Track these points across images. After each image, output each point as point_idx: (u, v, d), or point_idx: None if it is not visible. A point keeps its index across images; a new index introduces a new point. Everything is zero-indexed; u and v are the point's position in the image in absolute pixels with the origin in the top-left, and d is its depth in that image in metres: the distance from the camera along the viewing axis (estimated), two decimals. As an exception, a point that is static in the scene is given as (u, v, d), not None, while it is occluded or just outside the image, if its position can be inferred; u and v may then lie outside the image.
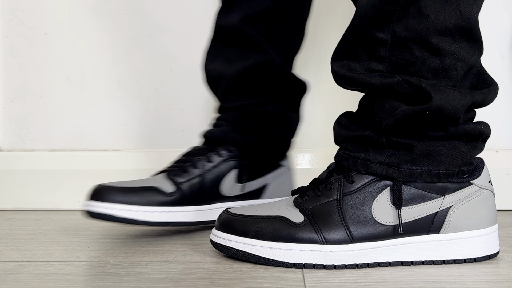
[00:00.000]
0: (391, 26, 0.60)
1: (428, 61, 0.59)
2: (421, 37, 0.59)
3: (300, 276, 0.58)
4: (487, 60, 1.03)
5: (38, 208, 1.04)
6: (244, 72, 0.80)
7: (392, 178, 0.61)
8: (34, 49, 1.08)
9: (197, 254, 0.67)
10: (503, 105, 1.03)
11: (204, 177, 0.77)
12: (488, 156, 1.02)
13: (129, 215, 0.71)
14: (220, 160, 0.79)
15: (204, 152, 0.80)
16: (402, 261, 0.62)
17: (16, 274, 0.59)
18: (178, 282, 0.56)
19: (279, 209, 0.63)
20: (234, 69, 0.81)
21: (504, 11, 1.02)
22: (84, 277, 0.58)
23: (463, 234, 0.62)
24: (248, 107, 0.82)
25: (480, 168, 0.64)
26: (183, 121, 1.07)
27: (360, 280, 0.57)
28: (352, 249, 0.60)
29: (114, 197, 0.71)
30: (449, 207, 0.62)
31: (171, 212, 0.74)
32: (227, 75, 0.81)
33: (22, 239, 0.77)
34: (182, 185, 0.75)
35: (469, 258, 0.62)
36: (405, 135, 0.61)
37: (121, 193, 0.72)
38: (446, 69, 0.60)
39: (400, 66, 0.60)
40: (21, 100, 1.09)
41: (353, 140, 0.64)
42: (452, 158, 0.61)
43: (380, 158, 0.61)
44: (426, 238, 0.62)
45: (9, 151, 1.09)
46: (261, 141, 0.83)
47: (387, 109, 0.61)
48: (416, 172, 0.61)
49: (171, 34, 1.07)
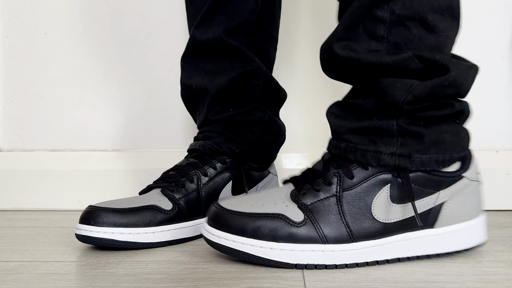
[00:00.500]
0: (390, 4, 0.60)
1: (425, 38, 0.61)
2: (419, 15, 0.60)
3: (300, 275, 0.58)
4: (487, 60, 1.03)
5: (38, 208, 1.05)
6: (230, 83, 0.80)
7: (404, 168, 0.60)
8: (34, 49, 1.08)
9: (197, 254, 0.67)
10: (503, 105, 1.03)
11: (201, 191, 0.76)
12: (488, 156, 1.03)
13: (130, 239, 0.68)
14: (215, 173, 0.78)
15: (199, 165, 0.78)
16: (399, 257, 0.62)
17: (16, 274, 0.59)
18: (178, 282, 0.56)
19: (276, 204, 0.62)
20: (220, 81, 0.80)
21: (504, 11, 1.02)
22: (84, 277, 0.58)
23: (456, 227, 0.63)
24: (235, 117, 0.82)
25: (469, 160, 0.65)
26: (183, 121, 1.07)
27: (360, 280, 0.57)
28: (353, 248, 0.60)
29: (113, 220, 0.68)
30: (443, 202, 0.63)
31: (171, 231, 0.72)
32: (211, 87, 0.81)
33: (22, 239, 0.77)
34: (180, 201, 0.74)
35: (462, 249, 0.64)
36: (416, 122, 0.61)
37: (119, 214, 0.69)
38: (440, 46, 0.61)
39: (399, 44, 0.61)
40: (21, 100, 1.09)
41: (359, 132, 0.63)
42: (454, 144, 0.63)
43: (391, 149, 0.61)
44: (421, 233, 0.63)
45: (9, 151, 1.09)
46: (254, 149, 0.82)
47: (400, 86, 0.60)
48: (426, 160, 0.61)
49: (171, 34, 1.07)
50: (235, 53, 0.81)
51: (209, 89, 0.81)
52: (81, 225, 0.68)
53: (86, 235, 0.67)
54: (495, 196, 1.00)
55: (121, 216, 0.68)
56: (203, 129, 0.83)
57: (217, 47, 0.80)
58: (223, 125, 0.81)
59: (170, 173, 0.78)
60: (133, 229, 0.68)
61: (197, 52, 0.82)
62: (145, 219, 0.70)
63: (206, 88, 0.81)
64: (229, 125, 0.81)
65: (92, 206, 0.69)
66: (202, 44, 0.81)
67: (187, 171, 0.77)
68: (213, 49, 0.81)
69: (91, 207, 0.69)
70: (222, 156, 0.79)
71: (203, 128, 0.83)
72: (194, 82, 0.82)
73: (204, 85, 0.81)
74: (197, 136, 0.83)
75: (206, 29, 0.81)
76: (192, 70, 0.83)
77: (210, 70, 0.82)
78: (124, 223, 0.68)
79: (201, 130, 0.83)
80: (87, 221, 0.68)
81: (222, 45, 0.80)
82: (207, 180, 0.77)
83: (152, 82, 1.07)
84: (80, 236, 0.68)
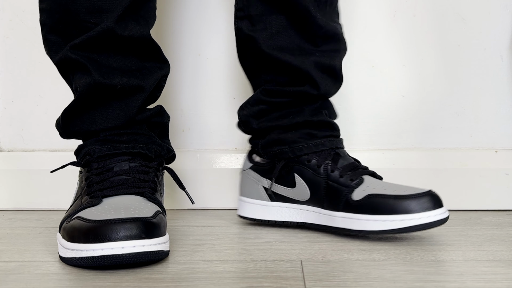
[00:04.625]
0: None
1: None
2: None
3: (300, 275, 0.58)
4: (487, 60, 1.03)
5: (38, 208, 1.05)
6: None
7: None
8: (35, 49, 1.08)
9: (197, 253, 0.68)
10: (503, 105, 1.03)
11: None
12: (487, 156, 1.03)
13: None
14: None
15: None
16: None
17: (17, 274, 0.60)
18: (178, 282, 0.56)
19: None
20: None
21: (504, 12, 1.02)
22: (85, 276, 0.59)
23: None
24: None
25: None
26: (183, 121, 1.07)
27: (360, 279, 0.57)
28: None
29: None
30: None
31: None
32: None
33: (23, 239, 0.77)
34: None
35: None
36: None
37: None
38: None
39: None
40: (21, 100, 1.09)
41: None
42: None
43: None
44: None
45: (9, 151, 1.09)
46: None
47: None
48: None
49: (171, 34, 1.07)
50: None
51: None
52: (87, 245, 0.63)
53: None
54: (494, 196, 1.00)
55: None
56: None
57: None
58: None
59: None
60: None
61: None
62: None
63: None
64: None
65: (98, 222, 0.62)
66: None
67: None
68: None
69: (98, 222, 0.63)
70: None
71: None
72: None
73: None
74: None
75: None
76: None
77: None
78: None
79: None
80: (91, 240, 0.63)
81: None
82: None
83: (152, 82, 1.07)
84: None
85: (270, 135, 0.83)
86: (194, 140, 1.00)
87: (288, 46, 0.81)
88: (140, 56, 0.76)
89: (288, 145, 0.81)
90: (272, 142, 0.82)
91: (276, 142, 0.82)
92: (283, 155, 0.81)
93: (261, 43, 0.81)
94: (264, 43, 0.81)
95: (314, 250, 0.69)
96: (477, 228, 0.82)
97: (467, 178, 0.99)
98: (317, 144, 0.80)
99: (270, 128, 0.83)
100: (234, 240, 0.76)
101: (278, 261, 0.64)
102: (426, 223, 0.70)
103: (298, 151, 0.80)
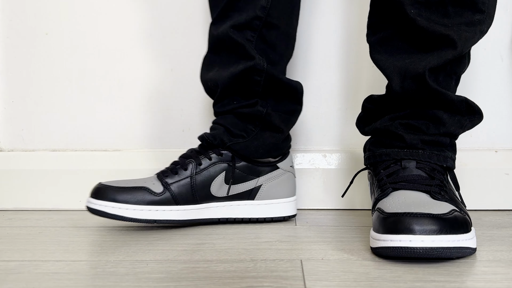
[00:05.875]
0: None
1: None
2: None
3: (300, 275, 0.58)
4: (487, 61, 1.03)
5: (38, 208, 1.05)
6: (234, 77, 0.84)
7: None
8: (35, 50, 1.08)
9: (197, 253, 0.68)
10: (502, 105, 1.03)
11: (193, 178, 0.83)
12: (487, 156, 1.03)
13: (119, 213, 0.78)
14: (209, 163, 0.84)
15: (195, 155, 0.85)
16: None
17: (17, 274, 0.60)
18: (178, 281, 0.56)
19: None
20: (225, 75, 0.85)
21: (504, 12, 1.02)
22: (85, 276, 0.59)
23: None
24: (238, 109, 0.86)
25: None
26: (183, 121, 1.07)
27: (360, 279, 0.57)
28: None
29: (109, 196, 0.78)
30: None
31: (159, 211, 0.80)
32: (220, 81, 0.85)
33: (23, 239, 0.77)
34: (171, 186, 0.82)
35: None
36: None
37: (115, 192, 0.79)
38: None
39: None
40: (21, 100, 1.09)
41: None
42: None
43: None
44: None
45: (9, 151, 1.09)
46: (248, 143, 0.86)
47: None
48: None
49: (171, 34, 1.07)
50: (239, 49, 0.84)
51: (218, 83, 0.85)
52: (88, 198, 0.80)
53: (87, 205, 0.79)
54: (494, 196, 1.00)
55: (117, 193, 0.78)
56: (213, 120, 0.89)
57: (226, 42, 0.84)
58: (227, 117, 0.87)
59: (176, 160, 0.86)
60: (123, 205, 0.78)
61: (213, 47, 0.87)
62: (135, 198, 0.79)
63: (216, 82, 0.86)
64: (232, 117, 0.87)
65: (100, 184, 0.80)
66: (216, 40, 0.86)
67: (185, 159, 0.85)
68: (224, 44, 0.85)
69: (99, 184, 0.80)
70: (216, 148, 0.85)
71: (214, 119, 0.89)
72: (208, 77, 0.87)
73: (215, 79, 0.86)
74: (210, 126, 0.89)
75: (220, 26, 0.85)
76: (210, 65, 0.88)
77: (222, 65, 0.86)
78: (117, 199, 0.78)
79: (213, 121, 0.89)
80: (92, 195, 0.79)
81: (229, 41, 0.84)
82: (201, 169, 0.83)
83: (152, 82, 1.08)
84: (87, 207, 0.79)
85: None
86: (195, 140, 1.00)
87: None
88: None
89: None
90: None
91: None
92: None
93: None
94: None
95: (314, 250, 0.69)
96: (477, 228, 0.82)
97: (467, 178, 0.99)
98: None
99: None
100: (234, 239, 0.76)
101: (278, 260, 0.64)
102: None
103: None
